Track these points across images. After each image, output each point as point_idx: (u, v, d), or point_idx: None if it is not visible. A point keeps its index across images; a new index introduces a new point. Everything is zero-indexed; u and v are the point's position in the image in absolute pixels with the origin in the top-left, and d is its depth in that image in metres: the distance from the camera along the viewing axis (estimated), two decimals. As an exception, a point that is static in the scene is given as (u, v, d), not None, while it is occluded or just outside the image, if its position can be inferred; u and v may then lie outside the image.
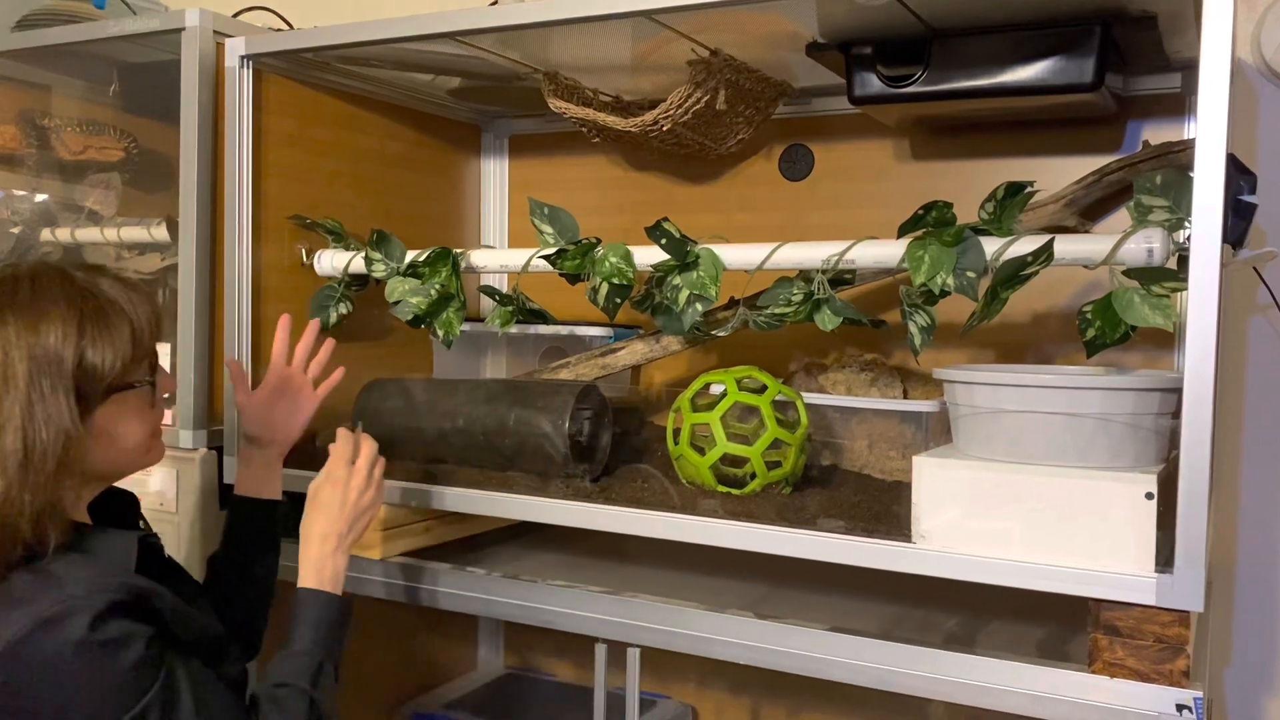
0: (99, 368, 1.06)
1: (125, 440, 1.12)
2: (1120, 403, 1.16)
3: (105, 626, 0.99)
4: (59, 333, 1.04)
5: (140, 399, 1.12)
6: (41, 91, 2.07)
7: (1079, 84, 1.37)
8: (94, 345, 1.05)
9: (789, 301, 1.41)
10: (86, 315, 1.06)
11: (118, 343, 1.07)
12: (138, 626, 1.02)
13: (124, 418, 1.11)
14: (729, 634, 1.32)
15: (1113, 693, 1.11)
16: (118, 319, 1.08)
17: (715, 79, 1.56)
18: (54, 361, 1.03)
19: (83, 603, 0.99)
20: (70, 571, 1.03)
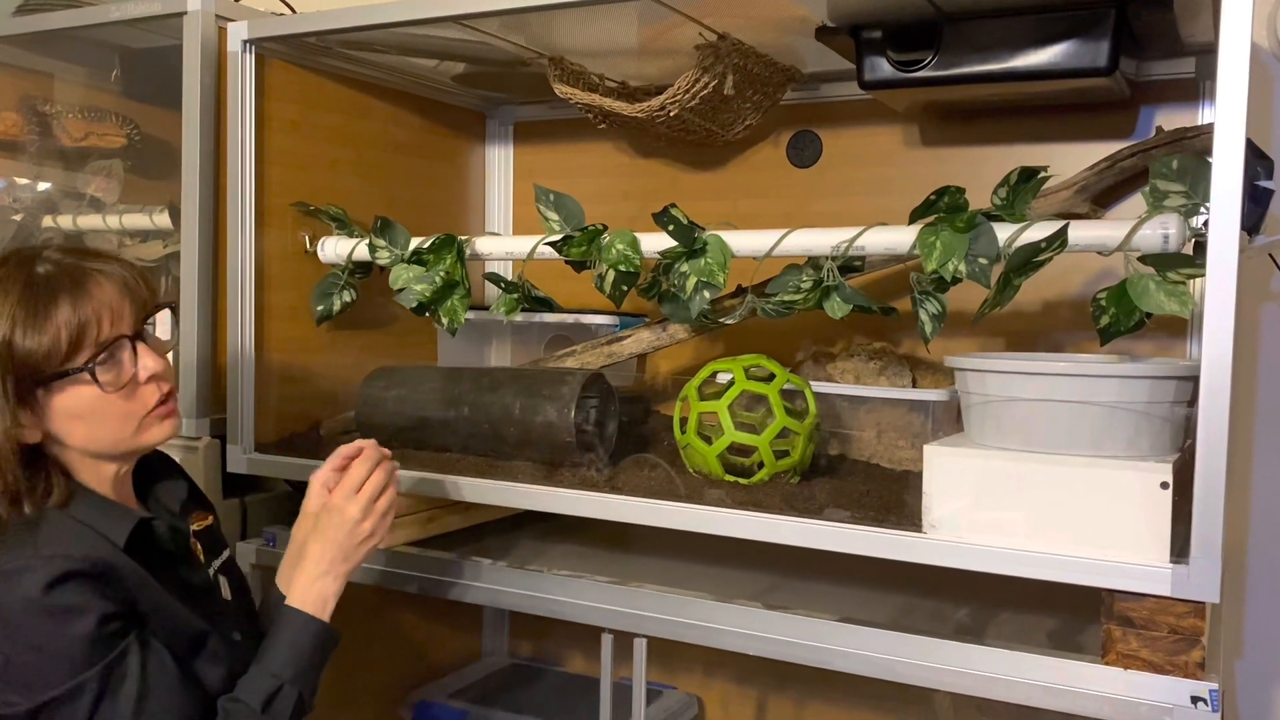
0: (33, 355, 1.06)
1: (97, 425, 1.11)
2: (1135, 391, 1.15)
3: (56, 592, 1.01)
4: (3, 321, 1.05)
5: (88, 389, 1.09)
6: (43, 78, 2.06)
7: (1093, 68, 1.35)
8: (25, 332, 1.06)
9: (798, 289, 1.39)
10: (22, 302, 1.06)
11: (50, 330, 1.06)
12: (93, 600, 1.02)
13: (83, 403, 1.10)
14: (736, 624, 1.31)
15: (1126, 684, 1.10)
16: (53, 305, 1.07)
17: (723, 64, 1.54)
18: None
19: (42, 564, 1.02)
20: (51, 533, 1.06)
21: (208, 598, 1.22)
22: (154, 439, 1.16)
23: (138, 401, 1.13)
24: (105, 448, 1.14)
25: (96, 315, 1.08)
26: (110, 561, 1.06)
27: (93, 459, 1.14)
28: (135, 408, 1.13)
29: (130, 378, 1.12)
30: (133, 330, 1.12)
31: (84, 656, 1.01)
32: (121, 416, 1.12)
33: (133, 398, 1.13)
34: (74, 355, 1.08)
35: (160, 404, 1.15)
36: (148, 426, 1.15)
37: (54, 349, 1.07)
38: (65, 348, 1.07)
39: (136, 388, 1.13)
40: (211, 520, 1.31)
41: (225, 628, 1.20)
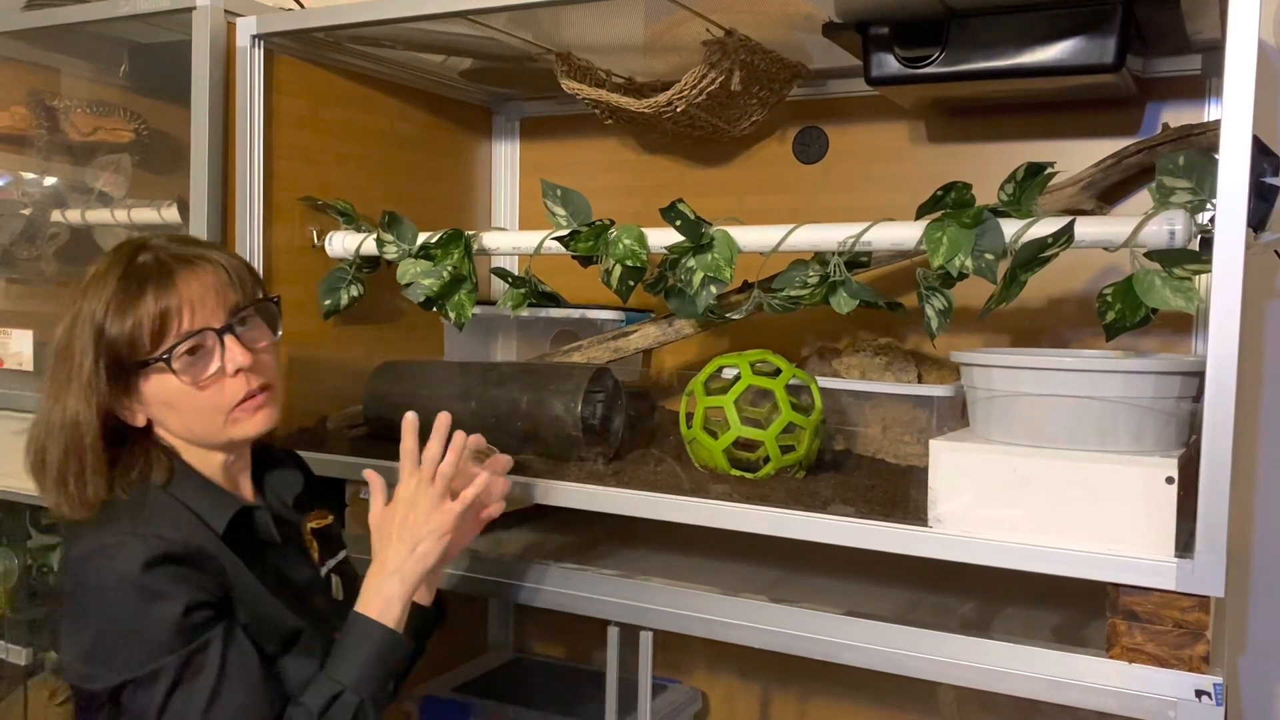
0: (119, 342, 1.08)
1: (186, 415, 1.13)
2: (1141, 386, 1.15)
3: (152, 573, 1.02)
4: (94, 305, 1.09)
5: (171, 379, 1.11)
6: (51, 72, 2.06)
7: (1100, 64, 1.35)
8: (114, 319, 1.08)
9: (805, 284, 1.39)
10: (117, 290, 1.09)
11: (134, 318, 1.08)
12: (184, 586, 1.03)
13: (170, 393, 1.11)
14: (742, 618, 1.31)
15: (1131, 678, 1.10)
16: (141, 295, 1.09)
17: (730, 59, 1.55)
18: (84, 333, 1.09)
19: (139, 542, 1.04)
20: (153, 512, 1.08)
21: (313, 594, 1.23)
22: (244, 433, 1.16)
23: (224, 395, 1.13)
24: (199, 437, 1.15)
25: (179, 307, 1.10)
26: (206, 548, 1.07)
27: (196, 446, 1.16)
28: (221, 401, 1.13)
29: (215, 371, 1.12)
30: (222, 323, 1.13)
31: (167, 641, 1.02)
32: (208, 409, 1.13)
33: (219, 390, 1.13)
34: (157, 345, 1.09)
35: (249, 398, 1.15)
36: (237, 420, 1.15)
37: (138, 338, 1.09)
38: (149, 338, 1.09)
39: (223, 381, 1.13)
40: (331, 520, 1.32)
41: (328, 626, 1.19)
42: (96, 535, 1.07)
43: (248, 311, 1.16)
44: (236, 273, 1.16)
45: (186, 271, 1.12)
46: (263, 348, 1.17)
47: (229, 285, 1.14)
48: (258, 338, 1.17)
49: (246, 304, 1.16)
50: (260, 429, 1.17)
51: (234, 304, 1.14)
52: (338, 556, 1.31)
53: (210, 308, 1.12)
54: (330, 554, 1.30)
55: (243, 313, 1.15)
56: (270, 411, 1.17)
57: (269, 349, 1.18)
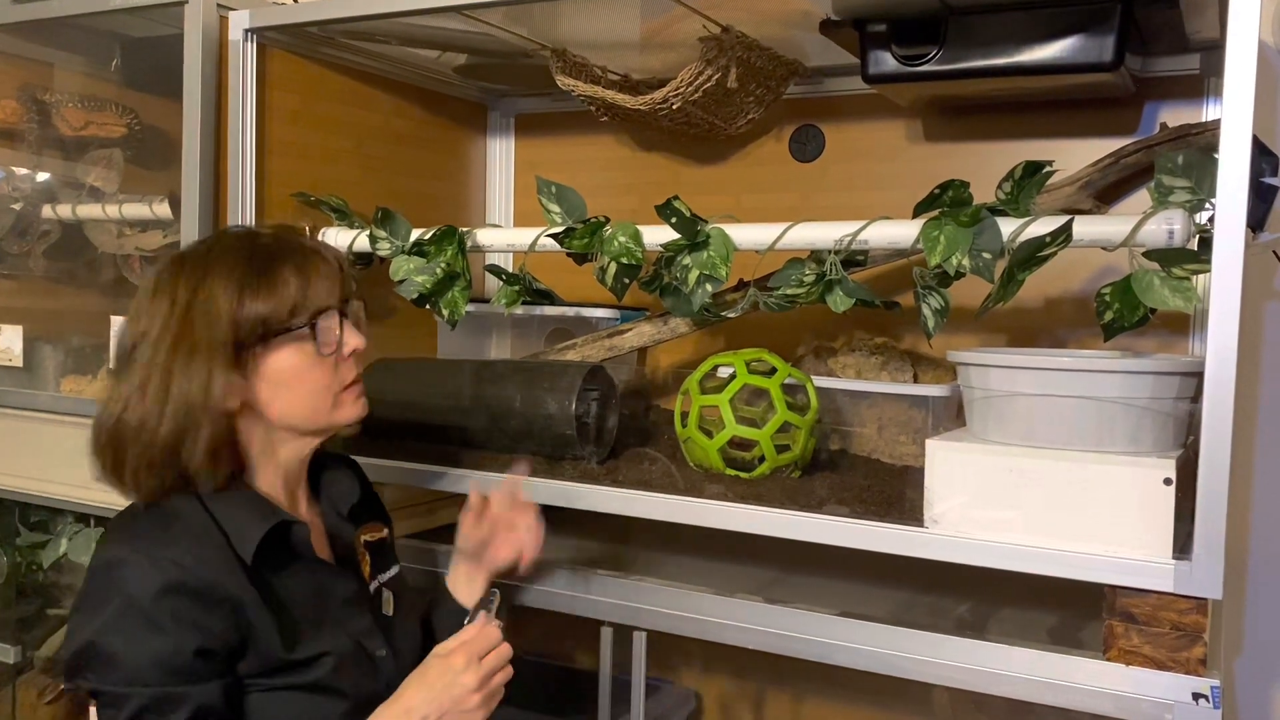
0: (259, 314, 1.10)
1: (300, 391, 1.14)
2: (1139, 386, 1.14)
3: (160, 603, 1.02)
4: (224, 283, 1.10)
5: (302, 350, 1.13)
6: (43, 67, 2.05)
7: (1099, 63, 1.34)
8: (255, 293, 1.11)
9: (801, 282, 1.38)
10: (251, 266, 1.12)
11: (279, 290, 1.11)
12: (183, 629, 1.02)
13: (293, 367, 1.13)
14: (737, 618, 1.31)
15: (1128, 680, 1.09)
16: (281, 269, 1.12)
17: (727, 56, 1.54)
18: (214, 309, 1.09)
19: (151, 565, 1.03)
20: (178, 532, 1.07)
21: (357, 611, 1.19)
22: (346, 417, 1.19)
23: (339, 374, 1.17)
24: (300, 419, 1.16)
25: (317, 284, 1.14)
26: (222, 584, 1.05)
27: (283, 435, 1.16)
28: (335, 380, 1.17)
29: (337, 348, 1.16)
30: (340, 306, 1.17)
31: (148, 673, 1.01)
32: (323, 387, 1.16)
33: (336, 369, 1.16)
34: (294, 317, 1.12)
35: (355, 383, 1.19)
36: (343, 403, 1.18)
37: (279, 308, 1.11)
38: (288, 309, 1.12)
39: (339, 359, 1.17)
40: (386, 534, 1.31)
41: (372, 641, 1.18)
42: (117, 547, 1.06)
43: (354, 305, 1.21)
44: (344, 265, 1.20)
45: (314, 254, 1.17)
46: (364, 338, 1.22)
47: (340, 274, 1.19)
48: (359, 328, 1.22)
49: (354, 296, 1.20)
50: (360, 415, 1.20)
51: (343, 294, 1.18)
52: (390, 571, 1.30)
53: (334, 292, 1.17)
54: (382, 568, 1.28)
55: (351, 303, 1.20)
56: (366, 402, 1.22)
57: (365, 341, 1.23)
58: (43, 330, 1.97)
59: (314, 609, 1.14)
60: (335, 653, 1.13)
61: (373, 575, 1.26)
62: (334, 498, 1.27)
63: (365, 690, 1.14)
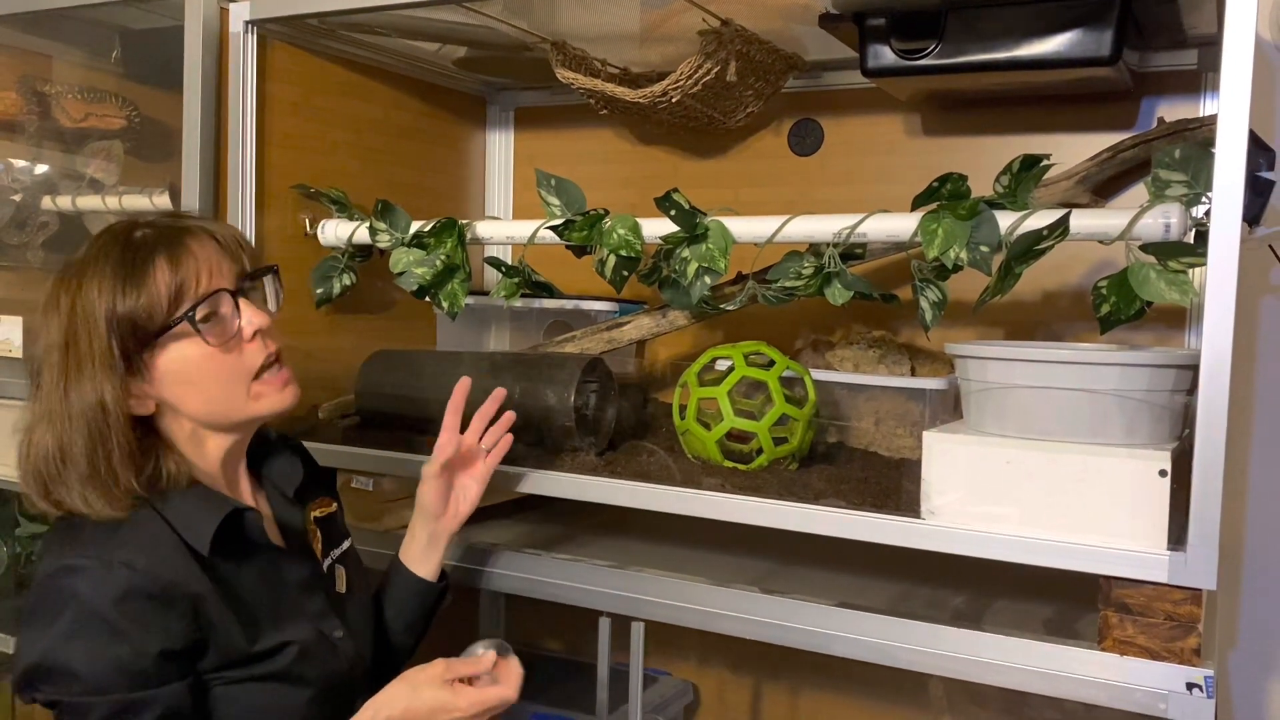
0: (135, 314, 1.05)
1: (208, 386, 1.09)
2: (1135, 379, 1.15)
3: (119, 608, 0.99)
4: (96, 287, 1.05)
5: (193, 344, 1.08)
6: (43, 58, 2.05)
7: (1097, 57, 1.35)
8: (125, 293, 1.05)
9: (799, 275, 1.39)
10: (121, 265, 1.06)
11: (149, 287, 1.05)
12: (144, 633, 1.00)
13: (190, 363, 1.08)
14: (734, 608, 1.31)
15: (1122, 670, 1.10)
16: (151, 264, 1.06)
17: (726, 50, 1.54)
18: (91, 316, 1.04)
19: (105, 571, 1.00)
20: (129, 535, 1.04)
21: (312, 593, 1.18)
22: (269, 407, 1.13)
23: (245, 360, 1.11)
24: (219, 414, 1.11)
25: (195, 270, 1.08)
26: (178, 582, 1.03)
27: (207, 431, 1.12)
28: (242, 366, 1.11)
29: (234, 332, 1.10)
30: (233, 286, 1.11)
31: (110, 681, 0.99)
32: (230, 376, 1.10)
33: (239, 354, 1.11)
34: (174, 311, 1.07)
35: (271, 367, 1.13)
36: (261, 394, 1.12)
37: (155, 306, 1.06)
38: (166, 304, 1.06)
39: (241, 344, 1.11)
40: (335, 507, 1.29)
41: (328, 624, 1.17)
42: (62, 553, 1.03)
43: (252, 281, 1.15)
44: (236, 239, 1.15)
45: (192, 239, 1.10)
46: (272, 314, 1.16)
47: (234, 253, 1.13)
48: (262, 305, 1.16)
49: (255, 272, 1.14)
50: (286, 405, 1.15)
51: (240, 271, 1.13)
52: (341, 546, 1.28)
53: (223, 273, 1.10)
54: (333, 544, 1.27)
55: (249, 278, 1.14)
56: (295, 388, 1.15)
57: (276, 317, 1.17)
58: (42, 321, 1.97)
59: (270, 597, 1.12)
60: (297, 641, 1.12)
61: (324, 552, 1.24)
62: (278, 481, 1.24)
63: (327, 673, 1.14)
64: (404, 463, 1.52)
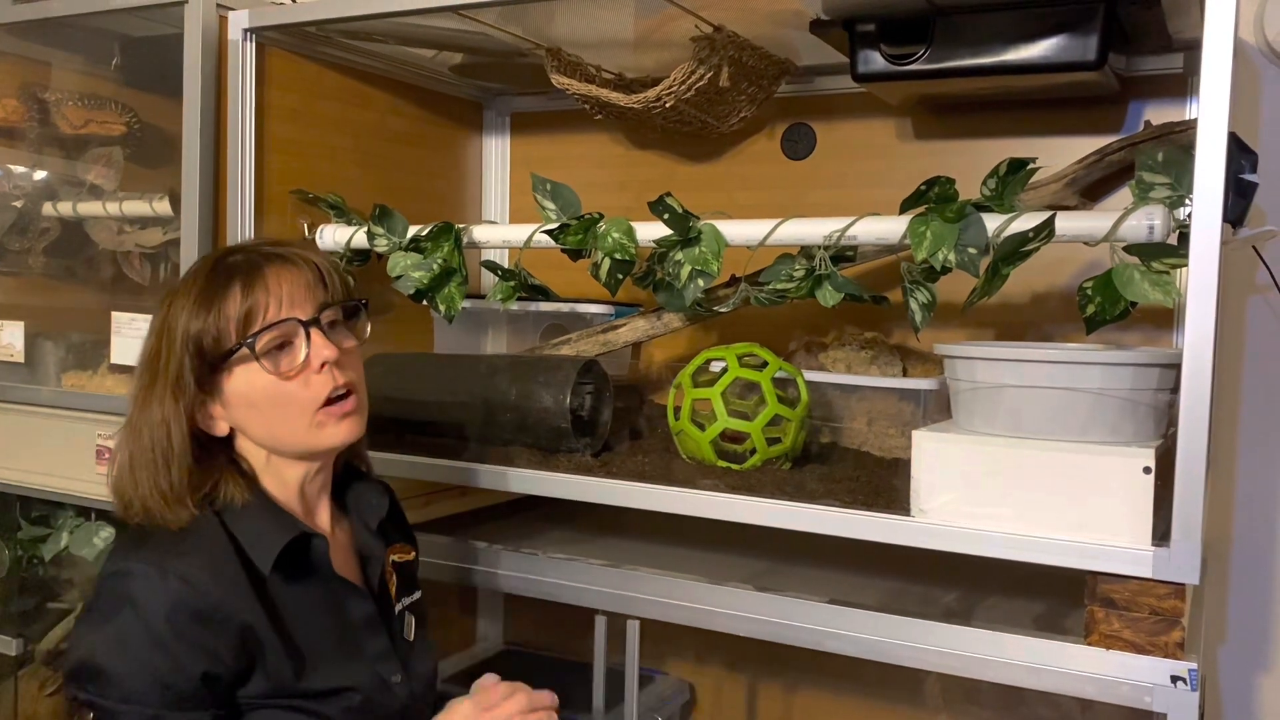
0: (204, 336, 1.07)
1: (271, 414, 1.09)
2: (1119, 378, 1.17)
3: (171, 624, 1.00)
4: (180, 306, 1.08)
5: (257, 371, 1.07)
6: (43, 66, 2.06)
7: (1082, 62, 1.37)
8: (198, 315, 1.07)
9: (790, 277, 1.41)
10: (202, 288, 1.08)
11: (220, 312, 1.07)
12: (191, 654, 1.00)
13: (255, 389, 1.08)
14: (729, 606, 1.33)
15: (1108, 664, 1.12)
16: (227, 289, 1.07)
17: (719, 55, 1.56)
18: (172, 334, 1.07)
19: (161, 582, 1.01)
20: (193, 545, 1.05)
21: (377, 631, 1.15)
22: (329, 440, 1.11)
23: (309, 390, 1.09)
24: (282, 441, 1.11)
25: (266, 298, 1.08)
26: (232, 604, 1.03)
27: (278, 458, 1.12)
28: (306, 396, 1.09)
29: (301, 363, 1.08)
30: (308, 317, 1.09)
31: (148, 693, 1.00)
32: (292, 405, 1.09)
33: (303, 384, 1.09)
34: (242, 336, 1.07)
35: (337, 401, 1.10)
36: (322, 424, 1.10)
37: (223, 331, 1.07)
38: (234, 329, 1.07)
39: (309, 376, 1.09)
40: (413, 556, 1.27)
41: (388, 667, 1.15)
42: (127, 557, 1.04)
43: (334, 312, 1.13)
44: (327, 272, 1.13)
45: (275, 266, 1.10)
46: (348, 349, 1.13)
47: (318, 284, 1.12)
48: (343, 338, 1.14)
49: (334, 302, 1.13)
50: (347, 438, 1.12)
51: (322, 301, 1.11)
52: (413, 595, 1.26)
53: (299, 301, 1.09)
54: (407, 592, 1.24)
55: (329, 310, 1.12)
56: (357, 420, 1.13)
57: (354, 352, 1.14)
58: (44, 326, 1.99)
59: (329, 630, 1.11)
60: (360, 689, 1.11)
61: (398, 597, 1.23)
62: (362, 512, 1.22)
63: (380, 712, 1.13)
64: (403, 465, 1.54)
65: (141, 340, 1.13)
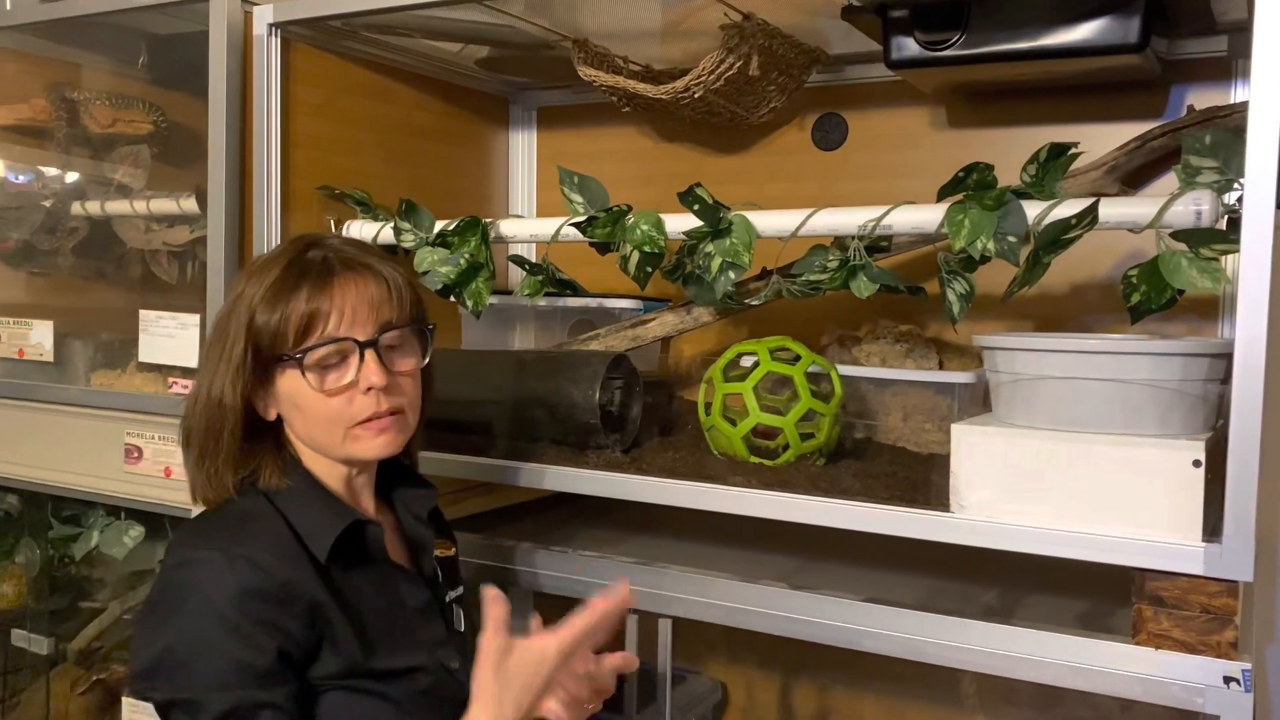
0: (265, 331, 1.07)
1: (310, 419, 1.09)
2: (1168, 369, 1.13)
3: (241, 607, 0.99)
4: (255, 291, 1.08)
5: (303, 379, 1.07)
6: (71, 66, 2.07)
7: (1124, 45, 1.33)
8: (264, 308, 1.07)
9: (824, 268, 1.38)
10: (277, 280, 1.07)
11: (284, 312, 1.06)
12: (264, 634, 0.99)
13: (300, 394, 1.08)
14: (762, 604, 1.31)
15: (1157, 664, 1.09)
16: (296, 290, 1.07)
17: (748, 44, 1.54)
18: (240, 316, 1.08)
19: (227, 566, 1.00)
20: (254, 530, 1.05)
21: (431, 619, 1.15)
22: (361, 453, 1.10)
23: (351, 408, 1.08)
24: (319, 446, 1.11)
25: (329, 311, 1.07)
26: (298, 583, 1.03)
27: (320, 454, 1.12)
28: (346, 414, 1.08)
29: (347, 384, 1.07)
30: (368, 337, 1.08)
31: (226, 678, 0.98)
32: (330, 419, 1.08)
33: (346, 403, 1.08)
34: (300, 343, 1.06)
35: (375, 419, 1.09)
36: (357, 437, 1.09)
37: (283, 332, 1.06)
38: (293, 334, 1.06)
39: (354, 394, 1.08)
40: (454, 551, 1.28)
41: (446, 654, 1.14)
42: (190, 547, 1.04)
43: (396, 333, 1.11)
44: (398, 289, 1.11)
45: (347, 276, 1.08)
46: (404, 370, 1.12)
47: (387, 300, 1.10)
48: (401, 359, 1.12)
49: (398, 324, 1.10)
50: (379, 453, 1.11)
51: (386, 321, 1.09)
52: (458, 590, 1.25)
53: (361, 318, 1.08)
54: (452, 586, 1.24)
55: (391, 331, 1.10)
56: (393, 437, 1.11)
57: (411, 373, 1.13)
58: (73, 326, 2.00)
59: (387, 614, 1.11)
60: (429, 670, 1.10)
61: (445, 591, 1.23)
62: (409, 503, 1.21)
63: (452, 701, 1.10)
64: (431, 462, 1.52)
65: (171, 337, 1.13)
